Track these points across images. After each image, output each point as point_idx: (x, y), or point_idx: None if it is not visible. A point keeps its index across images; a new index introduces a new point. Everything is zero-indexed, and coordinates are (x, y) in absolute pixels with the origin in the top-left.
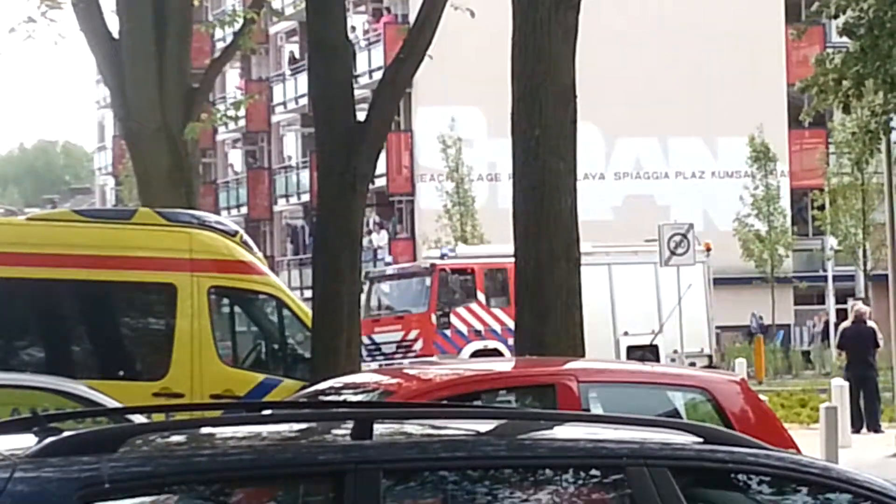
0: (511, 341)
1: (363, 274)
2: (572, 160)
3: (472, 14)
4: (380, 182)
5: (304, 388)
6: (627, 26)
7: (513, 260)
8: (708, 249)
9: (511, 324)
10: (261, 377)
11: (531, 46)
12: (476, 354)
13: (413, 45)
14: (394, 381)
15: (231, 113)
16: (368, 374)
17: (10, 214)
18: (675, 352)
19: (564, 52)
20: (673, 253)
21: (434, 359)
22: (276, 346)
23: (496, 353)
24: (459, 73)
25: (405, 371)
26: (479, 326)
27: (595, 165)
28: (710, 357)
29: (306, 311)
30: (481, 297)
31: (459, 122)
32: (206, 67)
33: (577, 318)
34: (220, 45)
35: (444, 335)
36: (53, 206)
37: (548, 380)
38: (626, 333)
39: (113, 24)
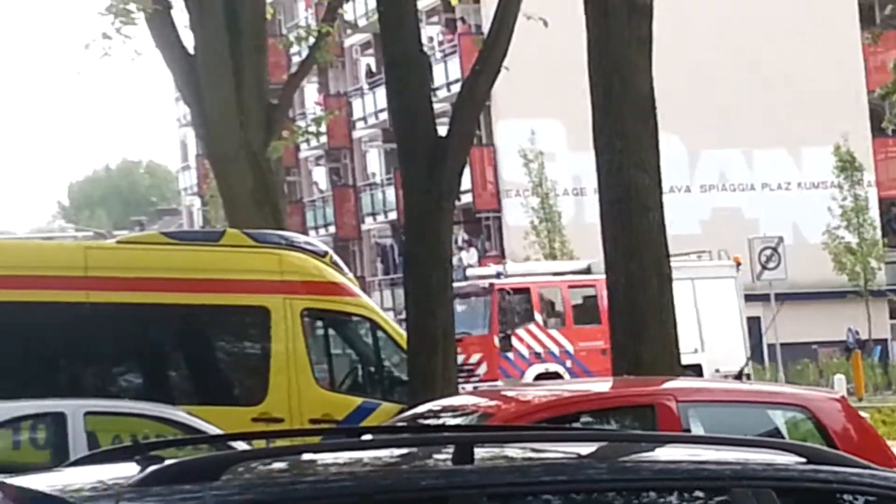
0: (569, 363)
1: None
2: (657, 173)
3: (546, 23)
4: (466, 198)
5: (402, 411)
6: (708, 38)
7: (565, 278)
8: (738, 264)
9: (568, 345)
10: (359, 401)
11: (606, 56)
12: (539, 378)
13: (489, 56)
14: (492, 403)
15: (312, 129)
16: (467, 397)
17: (100, 237)
18: (717, 371)
19: (640, 62)
20: (764, 267)
21: (499, 383)
22: (372, 369)
23: (557, 376)
24: (538, 84)
25: (503, 393)
26: (538, 348)
27: (680, 178)
28: (748, 376)
29: (401, 332)
30: (538, 317)
31: (540, 134)
32: (284, 83)
33: (672, 336)
34: (295, 60)
35: (508, 358)
36: (142, 229)
37: (647, 400)
38: None
39: (188, 40)
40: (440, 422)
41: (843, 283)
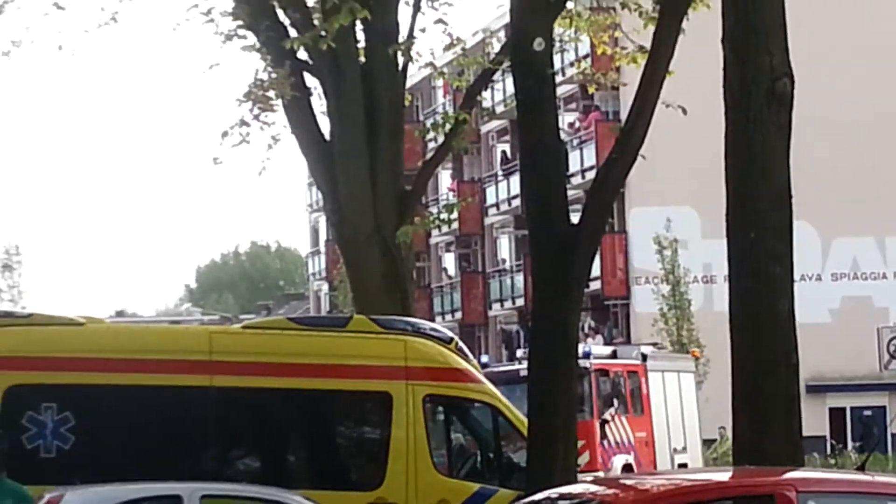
0: (632, 456)
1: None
2: (789, 262)
3: (685, 111)
4: (594, 285)
5: (519, 497)
6: (840, 122)
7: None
8: (696, 358)
9: (631, 435)
10: (476, 487)
11: (744, 145)
12: (624, 469)
13: (625, 144)
14: (610, 491)
15: (444, 216)
16: (584, 485)
17: (226, 321)
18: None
19: (779, 151)
20: (893, 357)
21: (600, 474)
22: (491, 455)
23: (631, 468)
24: (673, 172)
25: (622, 481)
26: (620, 437)
27: (811, 266)
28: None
29: (522, 419)
30: (616, 404)
31: (674, 222)
32: (419, 169)
33: (797, 427)
34: (431, 146)
35: (604, 446)
36: (268, 313)
37: (767, 490)
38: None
39: (325, 126)
40: None
41: None
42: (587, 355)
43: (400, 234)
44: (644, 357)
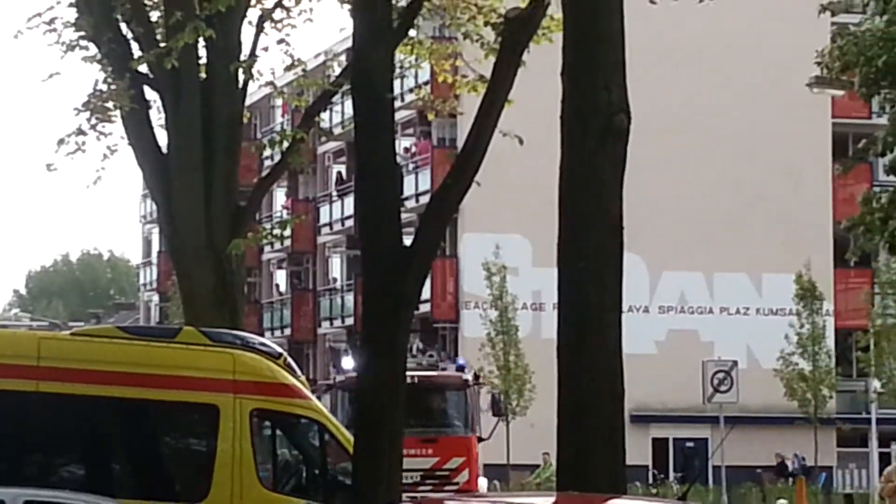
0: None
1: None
2: (617, 293)
3: (521, 141)
4: (424, 308)
5: None
6: (676, 158)
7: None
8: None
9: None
10: (301, 502)
11: (579, 177)
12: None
13: (460, 171)
14: None
15: (277, 232)
16: None
17: (55, 328)
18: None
19: (613, 184)
20: (716, 390)
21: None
22: (316, 471)
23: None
24: (506, 199)
25: (446, 502)
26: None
27: (639, 298)
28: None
29: (348, 436)
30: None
31: (505, 249)
32: (254, 186)
33: (620, 456)
34: (267, 164)
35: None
36: (98, 321)
37: None
38: None
39: (162, 139)
40: None
41: (792, 409)
42: (462, 368)
43: (231, 247)
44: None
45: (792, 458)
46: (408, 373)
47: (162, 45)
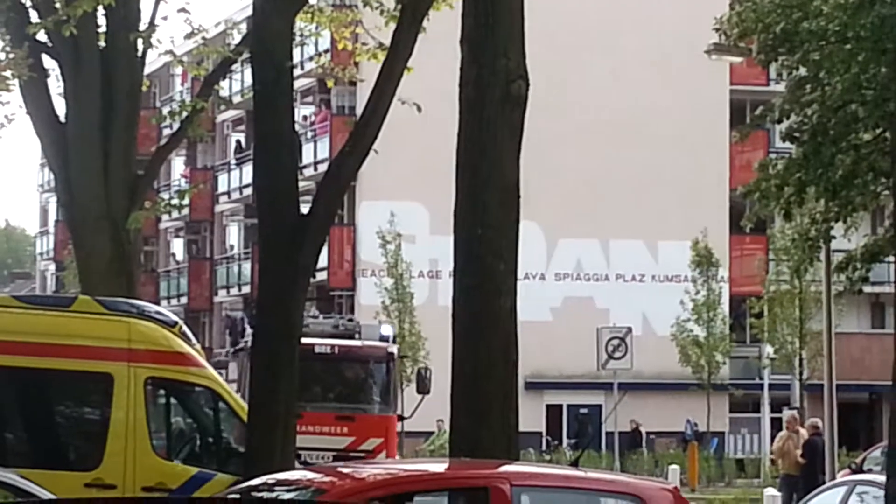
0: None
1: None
2: (513, 261)
3: (420, 109)
4: (321, 276)
5: (236, 482)
6: (571, 126)
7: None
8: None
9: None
10: (194, 471)
11: (477, 144)
12: None
13: (359, 138)
14: (327, 479)
15: (175, 202)
16: (302, 472)
17: None
18: None
19: (510, 151)
20: (610, 356)
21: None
22: (210, 440)
23: None
24: (404, 168)
25: (339, 469)
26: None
27: (535, 265)
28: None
29: (242, 405)
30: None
31: (402, 217)
32: (152, 155)
33: (513, 422)
34: (166, 132)
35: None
36: None
37: (481, 482)
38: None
39: (60, 108)
40: (273, 495)
41: (686, 376)
42: (386, 339)
43: (131, 221)
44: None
45: (685, 424)
46: (325, 340)
47: (60, 12)
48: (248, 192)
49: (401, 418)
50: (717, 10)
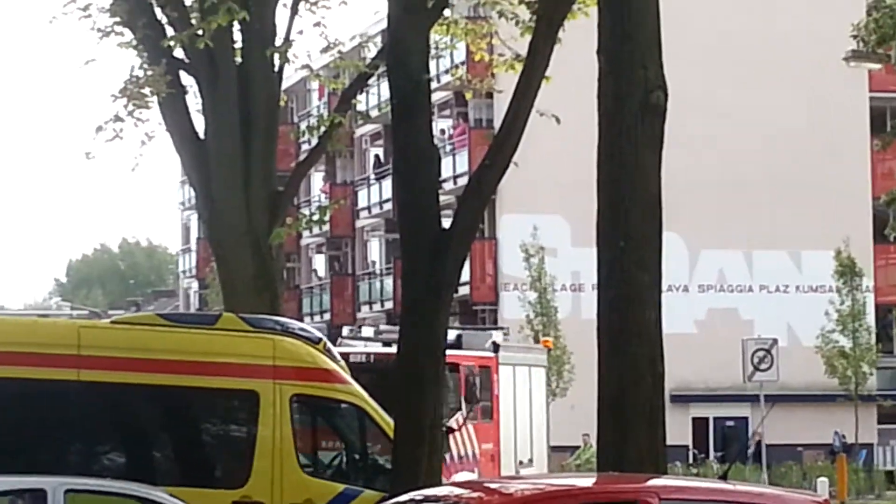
0: (476, 472)
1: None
2: (657, 272)
3: (558, 120)
4: (463, 290)
5: (384, 499)
6: (712, 135)
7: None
8: (548, 349)
9: (476, 447)
10: (341, 487)
11: (617, 155)
12: None
13: (498, 151)
14: (474, 495)
15: (316, 218)
16: (449, 487)
17: (95, 316)
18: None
19: (651, 161)
20: (756, 368)
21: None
22: (357, 456)
23: None
24: (544, 180)
25: (486, 485)
26: (464, 450)
27: (679, 277)
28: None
29: (388, 420)
30: (465, 407)
31: (543, 230)
32: (292, 170)
33: (661, 435)
34: (304, 147)
35: (445, 461)
36: (137, 309)
37: (630, 496)
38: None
39: (199, 124)
40: None
41: (833, 387)
42: (495, 348)
43: (273, 237)
44: (496, 347)
45: (833, 436)
46: (362, 349)
47: (196, 27)
48: (388, 206)
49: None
50: (855, 16)
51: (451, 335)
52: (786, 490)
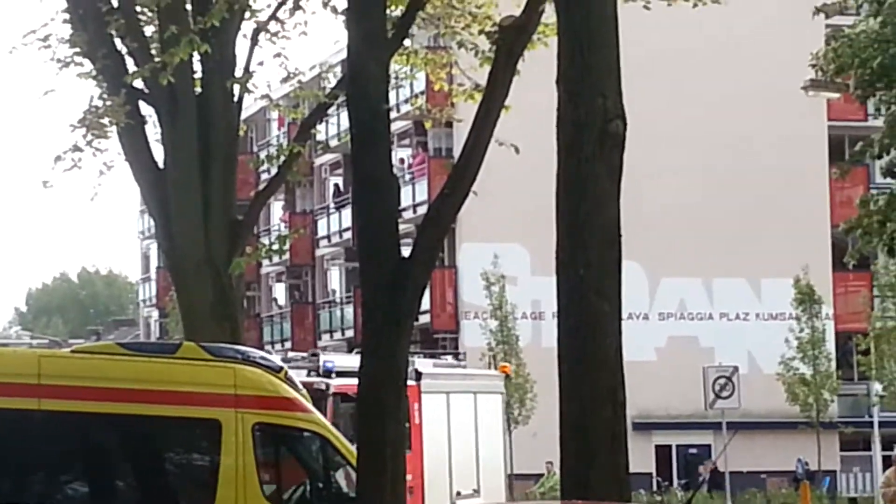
0: None
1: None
2: (617, 300)
3: (517, 150)
4: (424, 318)
5: None
6: (671, 165)
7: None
8: (507, 375)
9: None
10: None
11: (576, 184)
12: None
13: (458, 180)
14: None
15: (276, 247)
16: None
17: (55, 345)
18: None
19: (609, 190)
20: (718, 396)
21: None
22: (320, 485)
23: None
24: (503, 209)
25: None
26: None
27: (639, 305)
28: None
29: (351, 449)
30: None
31: (503, 258)
32: (251, 199)
33: (624, 463)
34: (264, 176)
35: None
36: (98, 338)
37: None
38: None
39: (158, 154)
40: None
41: (795, 414)
42: (329, 371)
43: (233, 267)
44: (419, 375)
45: (796, 463)
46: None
47: (157, 59)
48: (348, 235)
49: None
50: (814, 46)
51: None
52: None
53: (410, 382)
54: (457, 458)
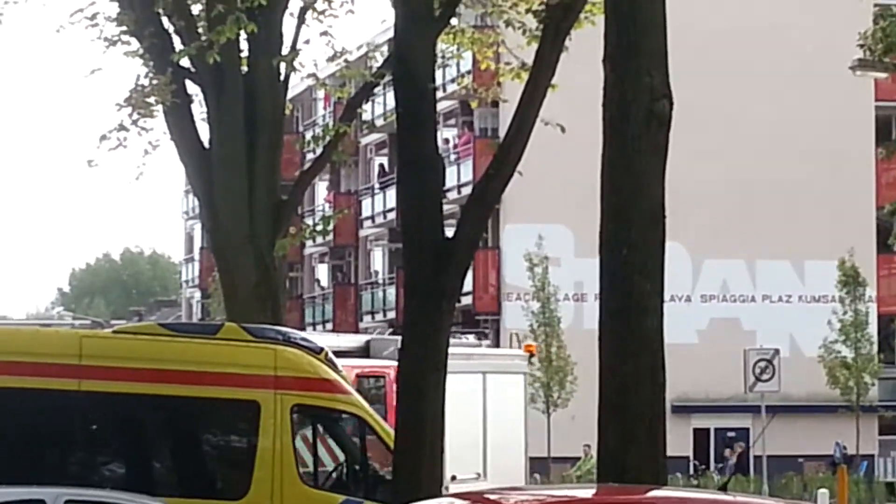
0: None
1: None
2: (660, 281)
3: (563, 129)
4: (466, 300)
5: None
6: (716, 145)
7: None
8: (531, 355)
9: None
10: (341, 498)
11: (621, 164)
12: None
13: (503, 160)
14: None
15: (320, 228)
16: (450, 499)
17: (97, 326)
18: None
19: (655, 170)
20: (758, 379)
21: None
22: (357, 467)
23: None
24: (548, 189)
25: (487, 496)
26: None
27: (681, 287)
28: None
29: (389, 431)
30: None
31: (547, 239)
32: (296, 179)
33: (661, 446)
34: (309, 156)
35: None
36: (140, 319)
37: None
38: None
39: (204, 133)
40: None
41: (835, 398)
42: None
43: (277, 248)
44: (368, 349)
45: (834, 447)
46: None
47: (203, 38)
48: (392, 216)
49: None
50: (862, 25)
51: (360, 341)
52: (786, 501)
53: (387, 363)
54: (455, 440)
